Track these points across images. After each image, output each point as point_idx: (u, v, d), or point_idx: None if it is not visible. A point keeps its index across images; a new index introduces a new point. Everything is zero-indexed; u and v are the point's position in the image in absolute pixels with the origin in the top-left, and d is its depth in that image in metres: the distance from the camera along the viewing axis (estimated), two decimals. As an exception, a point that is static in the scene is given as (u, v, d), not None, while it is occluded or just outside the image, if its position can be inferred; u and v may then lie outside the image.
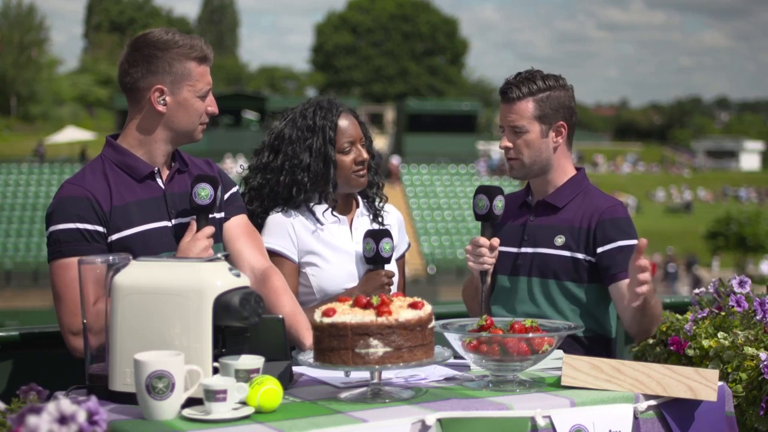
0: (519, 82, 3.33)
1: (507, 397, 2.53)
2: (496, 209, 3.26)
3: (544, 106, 3.32)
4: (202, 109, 3.03)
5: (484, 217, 3.28)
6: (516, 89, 3.31)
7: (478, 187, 3.31)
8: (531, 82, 3.32)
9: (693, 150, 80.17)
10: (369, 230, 3.42)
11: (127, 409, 2.41)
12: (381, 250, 3.36)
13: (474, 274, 3.37)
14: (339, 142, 3.40)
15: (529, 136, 3.32)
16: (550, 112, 3.33)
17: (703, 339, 3.12)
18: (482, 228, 3.30)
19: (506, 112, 3.35)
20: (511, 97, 3.32)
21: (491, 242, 3.27)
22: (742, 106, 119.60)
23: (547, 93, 3.33)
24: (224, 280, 2.44)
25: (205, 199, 2.98)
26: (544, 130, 3.33)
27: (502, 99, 3.37)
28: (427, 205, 40.38)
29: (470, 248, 3.29)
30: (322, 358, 2.45)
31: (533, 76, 3.34)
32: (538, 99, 3.31)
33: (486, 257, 3.26)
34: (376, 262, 3.39)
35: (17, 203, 37.41)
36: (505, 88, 3.35)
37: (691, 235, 42.98)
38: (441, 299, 26.76)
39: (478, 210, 3.29)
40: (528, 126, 3.31)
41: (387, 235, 3.39)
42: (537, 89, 3.31)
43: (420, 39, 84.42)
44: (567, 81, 3.40)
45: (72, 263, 2.78)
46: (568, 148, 3.43)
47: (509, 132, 3.35)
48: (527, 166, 3.36)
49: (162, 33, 2.99)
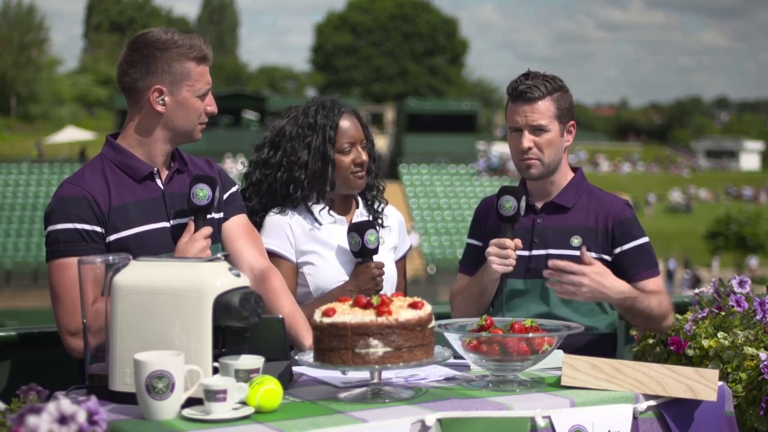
0: (537, 83, 3.31)
1: (507, 397, 2.53)
2: (522, 210, 3.26)
3: (561, 105, 3.32)
4: (201, 109, 3.02)
5: (509, 218, 3.26)
6: (536, 89, 3.30)
7: (502, 188, 3.28)
8: (546, 82, 3.31)
9: (693, 150, 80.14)
10: (352, 224, 3.39)
11: (127, 409, 2.40)
12: (366, 242, 3.34)
13: (492, 276, 3.28)
14: (339, 142, 3.40)
15: (550, 135, 3.31)
16: (565, 111, 3.34)
17: (703, 339, 3.11)
18: (504, 229, 3.27)
19: (527, 111, 3.30)
20: (531, 96, 3.29)
21: (515, 243, 3.26)
22: (742, 106, 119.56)
23: (559, 93, 3.33)
24: (224, 280, 2.44)
25: (203, 199, 2.97)
26: (561, 129, 3.33)
27: (521, 99, 3.31)
28: (427, 205, 40.39)
29: (495, 250, 3.24)
30: (322, 358, 2.45)
31: (543, 77, 3.33)
32: (555, 98, 3.32)
33: (512, 259, 3.24)
34: (364, 254, 3.36)
35: (17, 203, 37.42)
36: (524, 89, 3.31)
37: (691, 235, 42.97)
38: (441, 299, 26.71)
39: (504, 212, 3.25)
40: (550, 125, 3.30)
41: (370, 226, 3.37)
42: (552, 89, 3.31)
43: (420, 39, 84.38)
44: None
45: (70, 263, 2.78)
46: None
47: (531, 131, 3.31)
48: (546, 166, 3.34)
49: (161, 33, 2.98)
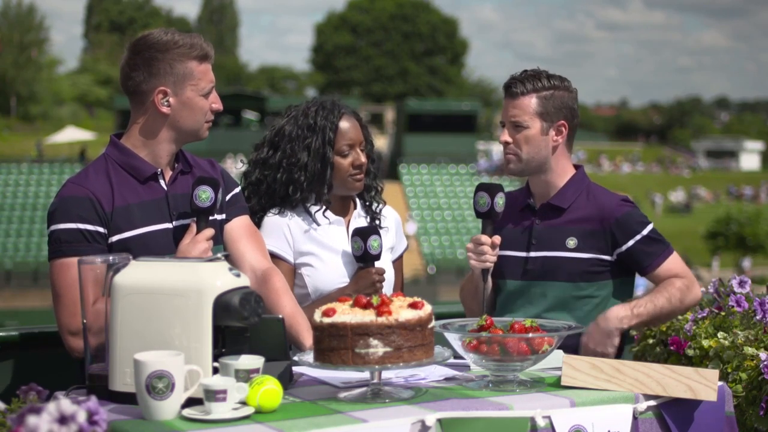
0: (524, 79, 3.33)
1: (507, 397, 2.52)
2: (497, 206, 3.26)
3: (547, 103, 3.32)
4: (206, 107, 3.02)
5: (485, 214, 3.27)
6: (520, 85, 3.32)
7: (479, 185, 3.31)
8: (536, 80, 3.33)
9: (693, 150, 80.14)
10: (356, 229, 3.40)
11: (127, 409, 2.40)
12: (369, 247, 3.35)
13: (475, 272, 3.37)
14: (338, 144, 3.39)
15: (529, 132, 3.32)
16: (553, 110, 3.33)
17: (703, 339, 3.11)
18: (483, 226, 3.30)
19: (508, 107, 3.35)
20: (514, 92, 3.33)
21: (492, 240, 3.27)
22: (742, 106, 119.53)
23: (551, 91, 3.33)
24: (224, 280, 2.44)
25: (205, 201, 2.97)
26: (544, 127, 3.33)
27: (506, 94, 3.37)
28: (427, 205, 40.39)
29: (472, 246, 3.28)
30: (322, 358, 2.45)
31: (538, 74, 3.34)
32: (541, 96, 3.32)
33: (488, 255, 3.26)
34: (366, 260, 3.38)
35: (17, 203, 37.43)
36: (509, 84, 3.35)
37: (691, 235, 42.97)
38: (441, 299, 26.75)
39: (479, 207, 3.28)
40: (529, 122, 3.32)
41: (374, 232, 3.38)
42: (541, 87, 3.32)
43: (420, 39, 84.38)
44: (571, 83, 3.40)
45: (72, 263, 2.77)
46: (568, 150, 3.42)
47: (510, 127, 3.35)
48: (524, 162, 3.35)
49: (161, 34, 2.98)
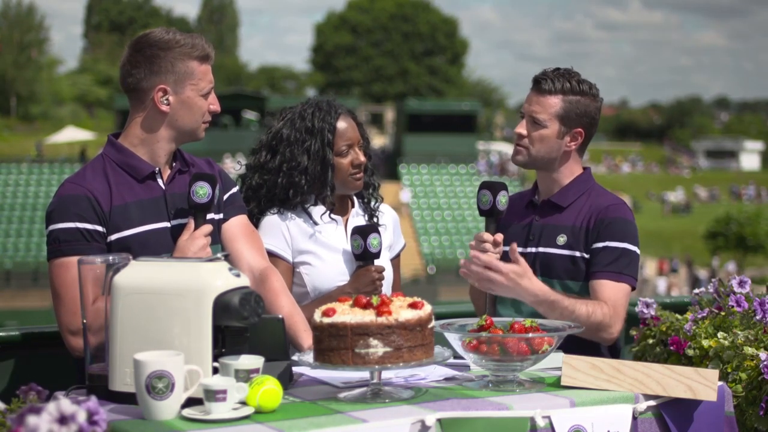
0: (554, 77, 3.28)
1: (507, 397, 2.52)
2: (499, 204, 3.25)
3: (570, 108, 3.27)
4: (205, 108, 3.03)
5: (487, 212, 3.26)
6: (549, 82, 3.27)
7: (482, 183, 3.29)
8: (566, 80, 3.27)
9: (693, 150, 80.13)
10: (356, 227, 3.40)
11: (127, 409, 2.40)
12: (369, 246, 3.35)
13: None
14: (337, 145, 3.39)
15: (545, 131, 3.29)
16: (574, 116, 3.28)
17: (703, 339, 3.11)
18: (486, 224, 3.28)
19: (532, 100, 3.30)
20: (543, 88, 3.28)
21: (495, 237, 3.25)
22: (742, 106, 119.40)
23: (577, 97, 3.28)
24: (224, 280, 2.44)
25: (203, 197, 2.98)
26: (562, 131, 3.29)
27: (533, 87, 3.31)
28: (427, 205, 40.39)
29: (474, 244, 3.26)
30: (322, 358, 2.45)
31: (570, 76, 3.29)
32: (567, 99, 3.27)
33: (490, 253, 3.24)
34: (365, 258, 3.38)
35: (17, 203, 37.44)
36: (539, 78, 3.30)
37: (691, 235, 42.97)
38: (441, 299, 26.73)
39: (481, 205, 3.28)
40: (548, 121, 3.28)
41: (374, 230, 3.38)
42: (569, 89, 3.27)
43: (420, 39, 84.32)
44: (599, 92, 3.34)
45: (71, 262, 2.78)
46: (579, 155, 3.39)
47: (528, 121, 3.31)
48: (532, 157, 3.32)
49: (163, 33, 2.99)
